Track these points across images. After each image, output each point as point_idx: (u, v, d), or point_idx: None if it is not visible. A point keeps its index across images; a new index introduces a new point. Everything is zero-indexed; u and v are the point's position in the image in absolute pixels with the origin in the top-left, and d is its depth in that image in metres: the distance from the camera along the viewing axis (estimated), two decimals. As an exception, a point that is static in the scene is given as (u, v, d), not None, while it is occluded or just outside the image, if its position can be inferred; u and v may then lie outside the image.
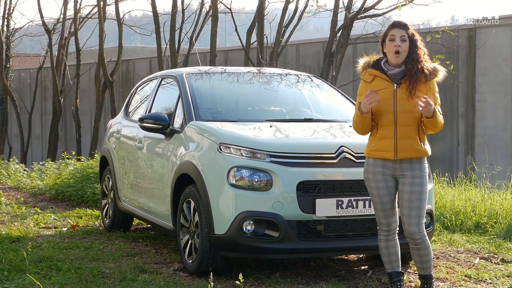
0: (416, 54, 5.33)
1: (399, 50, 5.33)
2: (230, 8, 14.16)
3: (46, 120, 24.13)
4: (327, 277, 6.44)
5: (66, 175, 12.89)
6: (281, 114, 7.42)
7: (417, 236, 5.33)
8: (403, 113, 5.30)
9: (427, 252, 5.40)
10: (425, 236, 5.37)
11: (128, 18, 20.38)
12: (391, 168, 5.38)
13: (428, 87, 5.33)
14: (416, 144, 5.33)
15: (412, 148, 5.32)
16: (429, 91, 5.31)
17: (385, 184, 5.40)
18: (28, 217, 9.95)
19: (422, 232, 5.35)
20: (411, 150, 5.32)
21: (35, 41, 26.57)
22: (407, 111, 5.30)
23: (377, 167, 5.40)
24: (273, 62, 13.15)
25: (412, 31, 5.38)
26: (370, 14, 13.04)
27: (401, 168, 5.36)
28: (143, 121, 7.33)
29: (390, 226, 5.50)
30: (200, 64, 14.26)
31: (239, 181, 6.13)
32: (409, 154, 5.33)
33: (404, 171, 5.35)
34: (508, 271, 6.62)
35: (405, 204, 5.33)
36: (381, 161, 5.38)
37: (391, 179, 5.41)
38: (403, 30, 5.37)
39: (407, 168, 5.34)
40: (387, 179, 5.40)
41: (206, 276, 6.23)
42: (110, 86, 17.59)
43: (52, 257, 7.21)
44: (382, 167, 5.39)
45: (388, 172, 5.39)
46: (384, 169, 5.39)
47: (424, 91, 5.31)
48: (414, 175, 5.33)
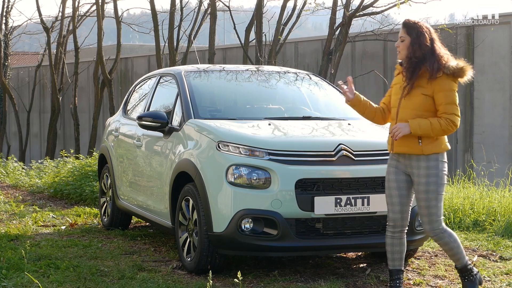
0: (415, 51, 5.35)
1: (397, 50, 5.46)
2: (228, 6, 14.18)
3: (45, 118, 24.14)
4: (325, 275, 6.44)
5: (64, 173, 12.88)
6: (279, 112, 7.42)
7: (431, 234, 5.44)
8: (404, 108, 5.39)
9: (449, 248, 5.48)
10: (441, 233, 5.43)
11: (127, 16, 20.34)
12: (402, 163, 5.46)
13: (435, 85, 5.32)
14: (412, 141, 5.35)
15: (407, 143, 5.36)
16: (436, 88, 5.31)
17: (395, 177, 5.48)
18: (26, 215, 9.95)
19: (435, 230, 5.42)
20: (406, 146, 5.37)
21: (34, 39, 26.59)
22: (408, 107, 5.37)
23: (392, 160, 5.53)
24: (271, 60, 13.15)
25: (417, 29, 5.36)
26: (369, 12, 13.05)
27: (410, 165, 5.42)
28: (142, 119, 7.33)
29: (395, 222, 5.51)
30: (198, 62, 14.27)
31: (238, 179, 6.13)
32: (404, 149, 5.38)
33: (413, 168, 5.40)
34: (506, 268, 6.63)
35: (417, 203, 5.46)
36: (396, 155, 5.49)
37: (403, 174, 5.47)
38: (404, 29, 5.43)
39: (415, 166, 5.39)
40: (398, 172, 5.48)
41: (205, 274, 6.23)
42: (109, 84, 17.58)
43: (50, 255, 7.21)
44: (396, 161, 5.49)
45: (401, 167, 5.47)
46: (398, 163, 5.49)
47: (429, 88, 5.32)
48: (420, 174, 5.37)
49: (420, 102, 5.33)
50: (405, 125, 5.31)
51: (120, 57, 18.56)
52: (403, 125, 5.31)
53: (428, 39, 5.36)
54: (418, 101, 5.33)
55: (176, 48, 15.50)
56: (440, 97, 5.29)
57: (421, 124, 5.28)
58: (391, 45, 14.45)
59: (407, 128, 5.30)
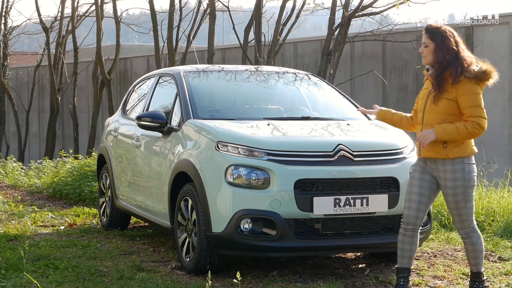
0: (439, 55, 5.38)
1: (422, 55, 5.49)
2: (227, 6, 14.17)
3: (44, 118, 24.13)
4: (324, 275, 6.44)
5: (63, 174, 12.88)
6: (278, 112, 7.42)
7: (461, 232, 5.54)
8: (429, 113, 5.43)
9: (473, 249, 5.53)
10: (471, 232, 5.51)
11: (126, 16, 20.34)
12: (429, 167, 5.50)
13: (458, 89, 5.33)
14: (437, 145, 5.38)
15: (432, 148, 5.40)
16: (459, 92, 5.33)
17: (420, 175, 5.53)
18: (25, 215, 9.94)
19: (465, 228, 5.51)
20: (432, 150, 5.41)
21: (33, 39, 26.58)
22: (433, 111, 5.41)
23: (420, 161, 5.58)
24: (270, 60, 13.14)
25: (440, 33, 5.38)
26: (368, 12, 13.04)
27: (436, 169, 5.46)
28: (141, 119, 7.32)
29: (408, 219, 5.53)
30: (197, 62, 14.27)
31: (237, 179, 6.13)
32: (431, 154, 5.43)
33: (439, 172, 5.45)
34: (505, 269, 6.63)
35: (447, 204, 5.55)
36: (423, 158, 5.54)
37: (429, 174, 5.51)
38: (426, 34, 5.45)
39: (441, 170, 5.43)
40: (424, 172, 5.53)
41: (204, 274, 6.23)
42: (108, 84, 17.58)
43: (49, 255, 7.20)
44: (423, 162, 5.54)
45: (428, 169, 5.53)
46: (425, 165, 5.54)
47: (453, 92, 5.34)
48: (446, 178, 5.42)
49: (444, 106, 5.36)
50: (431, 131, 5.34)
51: (119, 57, 18.56)
52: (429, 132, 5.34)
53: (453, 42, 5.38)
54: (442, 105, 5.36)
55: (175, 48, 15.50)
56: (463, 100, 5.31)
57: (446, 129, 5.30)
58: (390, 46, 14.45)
59: (433, 134, 5.33)
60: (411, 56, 14.12)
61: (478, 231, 5.55)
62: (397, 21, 13.89)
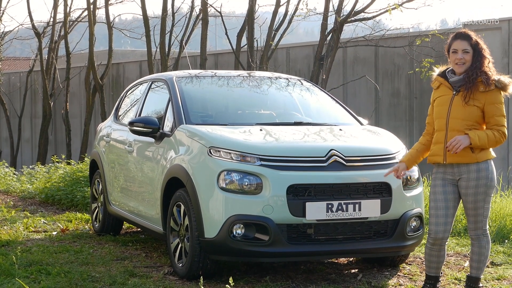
0: (479, 63, 5.43)
1: (459, 63, 5.46)
2: (220, 12, 14.16)
3: (36, 124, 24.06)
4: (317, 281, 6.44)
5: (56, 179, 12.85)
6: (271, 118, 7.42)
7: (473, 233, 5.59)
8: (455, 119, 5.44)
9: (479, 253, 5.57)
10: (482, 234, 5.57)
11: (118, 22, 20.29)
12: (450, 173, 5.52)
13: (487, 97, 5.39)
14: (464, 150, 5.40)
15: (461, 153, 5.41)
16: (488, 100, 5.38)
17: (443, 189, 5.53)
18: (17, 221, 9.92)
19: (478, 230, 5.56)
20: (459, 156, 5.42)
21: (25, 44, 26.51)
22: (459, 117, 5.43)
23: (438, 173, 5.58)
24: (263, 65, 13.14)
25: (476, 40, 5.46)
26: (360, 18, 13.05)
27: (459, 172, 5.48)
28: (133, 124, 7.32)
29: (436, 235, 5.54)
30: (190, 67, 14.26)
31: (229, 184, 6.13)
32: (458, 159, 5.44)
33: (462, 174, 5.47)
34: (497, 274, 6.64)
35: (464, 204, 5.55)
36: (442, 167, 5.53)
37: (451, 185, 5.53)
38: (466, 41, 5.47)
39: (464, 171, 5.46)
40: (446, 184, 5.54)
41: (196, 280, 6.23)
42: (100, 89, 17.56)
43: (41, 261, 7.19)
44: (443, 173, 5.55)
45: (448, 177, 5.53)
46: (445, 175, 5.54)
47: (482, 100, 5.39)
48: (470, 178, 5.45)
49: (471, 113, 5.40)
50: (465, 137, 5.36)
51: (112, 63, 18.51)
52: (463, 138, 5.35)
53: (487, 51, 5.48)
54: (469, 111, 5.41)
55: (168, 53, 15.48)
56: (491, 109, 5.39)
57: (480, 136, 5.36)
58: (382, 51, 14.47)
59: (467, 140, 5.35)
60: (404, 61, 14.14)
61: (488, 236, 5.61)
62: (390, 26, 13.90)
